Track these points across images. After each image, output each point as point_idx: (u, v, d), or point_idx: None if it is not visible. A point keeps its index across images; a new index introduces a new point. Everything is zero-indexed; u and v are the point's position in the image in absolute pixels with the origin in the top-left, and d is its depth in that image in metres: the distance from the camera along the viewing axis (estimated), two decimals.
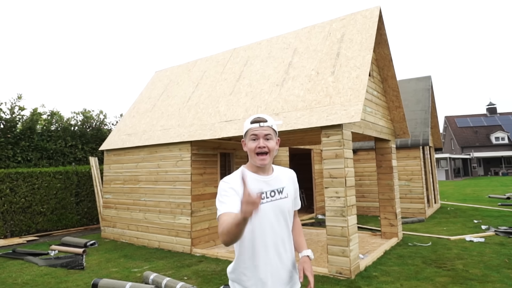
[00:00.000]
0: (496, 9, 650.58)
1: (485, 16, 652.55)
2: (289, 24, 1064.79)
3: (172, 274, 7.74)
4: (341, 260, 7.25)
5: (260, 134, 2.56)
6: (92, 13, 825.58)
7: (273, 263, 2.54)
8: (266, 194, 2.57)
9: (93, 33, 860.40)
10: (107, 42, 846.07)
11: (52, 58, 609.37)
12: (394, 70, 10.15)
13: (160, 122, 11.76)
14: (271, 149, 2.57)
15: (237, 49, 12.35)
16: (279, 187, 2.66)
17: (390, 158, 10.56)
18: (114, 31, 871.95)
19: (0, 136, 14.68)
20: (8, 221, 13.00)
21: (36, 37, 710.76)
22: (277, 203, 2.59)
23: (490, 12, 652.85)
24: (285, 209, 2.62)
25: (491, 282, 6.72)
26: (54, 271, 8.43)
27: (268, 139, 2.57)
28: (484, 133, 61.85)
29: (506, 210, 16.12)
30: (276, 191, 2.63)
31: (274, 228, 2.56)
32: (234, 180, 2.56)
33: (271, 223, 2.55)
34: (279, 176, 2.73)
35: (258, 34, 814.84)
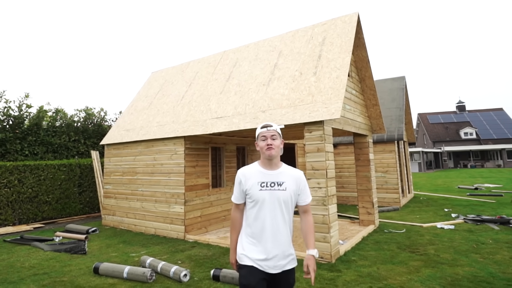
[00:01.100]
0: (465, 13, 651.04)
1: (455, 20, 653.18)
2: (275, 28, 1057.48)
3: (167, 259, 7.69)
4: (323, 245, 7.24)
5: (268, 135, 3.21)
6: (96, 17, 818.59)
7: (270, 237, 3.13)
8: (267, 184, 3.17)
9: (96, 35, 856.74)
10: (108, 44, 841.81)
11: (57, 59, 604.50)
12: (371, 70, 10.14)
13: (156, 118, 11.69)
14: (277, 145, 3.20)
15: (227, 51, 12.29)
16: (279, 181, 3.19)
17: (368, 151, 10.56)
18: (115, 34, 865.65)
19: (9, 131, 14.60)
20: (16, 210, 12.92)
21: (43, 40, 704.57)
22: (275, 192, 3.15)
23: (460, 16, 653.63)
24: (281, 198, 3.14)
25: (460, 265, 6.74)
26: (59, 255, 8.37)
27: (274, 139, 3.21)
28: (454, 128, 62.21)
29: (474, 199, 16.20)
30: (276, 183, 3.18)
31: (271, 211, 3.14)
32: (246, 173, 3.28)
33: (269, 206, 3.14)
34: (283, 173, 3.26)
35: (247, 37, 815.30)
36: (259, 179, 3.19)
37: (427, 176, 36.31)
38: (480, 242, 8.49)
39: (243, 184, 3.24)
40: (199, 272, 6.77)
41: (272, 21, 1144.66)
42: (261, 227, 3.15)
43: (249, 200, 3.24)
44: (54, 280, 6.59)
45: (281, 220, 3.15)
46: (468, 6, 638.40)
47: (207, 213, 10.59)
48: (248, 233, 3.22)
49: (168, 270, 6.50)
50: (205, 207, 10.53)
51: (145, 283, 6.27)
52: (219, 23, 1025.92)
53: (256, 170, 3.26)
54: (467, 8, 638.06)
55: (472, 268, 6.59)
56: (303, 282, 6.03)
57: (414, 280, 6.03)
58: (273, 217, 3.13)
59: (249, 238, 3.21)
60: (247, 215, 3.27)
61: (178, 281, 6.26)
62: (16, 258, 8.24)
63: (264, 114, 8.51)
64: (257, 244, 3.15)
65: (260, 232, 3.15)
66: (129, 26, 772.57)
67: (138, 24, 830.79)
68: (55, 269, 7.26)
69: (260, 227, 3.15)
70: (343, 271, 6.60)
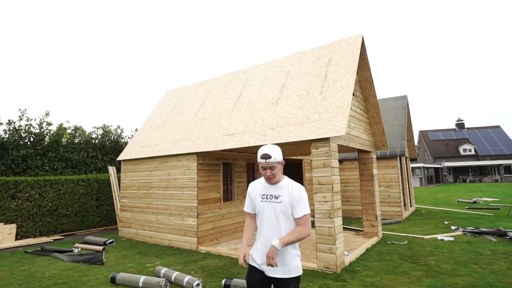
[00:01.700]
0: (464, 34, 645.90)
1: (455, 42, 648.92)
2: (284, 49, 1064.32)
3: (180, 269, 7.72)
4: (329, 256, 7.25)
5: (266, 166, 3.37)
6: (115, 40, 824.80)
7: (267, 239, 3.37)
8: (267, 196, 3.45)
9: (113, 57, 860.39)
10: (125, 64, 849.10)
11: (77, 78, 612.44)
12: (375, 90, 10.20)
13: (170, 135, 11.78)
14: (275, 174, 3.38)
15: (238, 71, 12.40)
16: (276, 194, 3.42)
17: (371, 167, 10.58)
18: (131, 55, 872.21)
19: (30, 148, 14.73)
20: (37, 222, 12.98)
21: (63, 60, 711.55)
22: (272, 204, 3.40)
23: (459, 36, 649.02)
24: (277, 209, 3.38)
25: (459, 275, 6.73)
26: (78, 266, 8.42)
27: (273, 169, 3.37)
28: (453, 145, 61.91)
29: (473, 213, 16.12)
30: (273, 196, 3.42)
31: (269, 220, 3.41)
32: (253, 187, 3.63)
33: (267, 214, 3.42)
34: (281, 187, 3.44)
35: (256, 57, 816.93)
36: (261, 191, 3.53)
37: (428, 190, 36.09)
38: (478, 253, 8.46)
39: (250, 194, 3.63)
40: (211, 281, 6.80)
41: (280, 42, 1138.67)
42: (260, 233, 3.49)
43: (257, 210, 3.56)
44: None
45: (276, 229, 3.37)
46: (467, 27, 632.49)
47: (219, 226, 10.61)
48: (257, 238, 3.55)
49: (181, 280, 6.53)
50: (216, 220, 10.56)
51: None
52: (231, 44, 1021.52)
53: (261, 184, 3.58)
54: (466, 29, 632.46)
55: (471, 278, 6.58)
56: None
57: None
58: (269, 225, 3.40)
59: (256, 242, 3.54)
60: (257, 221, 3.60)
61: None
62: (37, 269, 8.30)
63: (273, 131, 8.57)
64: (259, 248, 3.46)
65: (260, 237, 3.47)
66: (145, 48, 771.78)
67: (154, 46, 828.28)
68: (74, 279, 7.31)
69: (260, 233, 3.49)
70: (348, 280, 6.61)
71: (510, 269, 7.08)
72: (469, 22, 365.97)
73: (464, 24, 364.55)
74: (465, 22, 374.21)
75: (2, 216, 12.13)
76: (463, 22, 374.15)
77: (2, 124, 14.20)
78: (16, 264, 8.89)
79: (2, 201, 12.18)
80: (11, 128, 14.50)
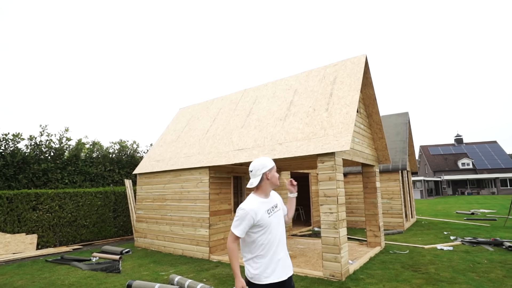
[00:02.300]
0: (463, 55, 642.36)
1: (454, 61, 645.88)
2: (292, 67, 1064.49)
3: (193, 277, 7.76)
4: (334, 265, 7.27)
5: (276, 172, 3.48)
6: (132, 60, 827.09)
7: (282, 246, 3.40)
8: (270, 210, 3.40)
9: (129, 76, 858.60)
10: (140, 83, 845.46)
11: (96, 95, 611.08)
12: (378, 107, 10.27)
13: (183, 150, 11.87)
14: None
15: (247, 90, 12.51)
16: (274, 204, 3.49)
17: (374, 180, 10.61)
18: (147, 74, 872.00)
19: (51, 162, 14.88)
20: (57, 233, 13.07)
21: (83, 80, 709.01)
22: (276, 214, 3.44)
23: (458, 57, 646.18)
24: (280, 216, 3.49)
25: (458, 283, 6.73)
26: (95, 274, 8.48)
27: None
28: (452, 159, 61.62)
29: (471, 223, 16.03)
30: (274, 207, 3.46)
31: (278, 229, 3.41)
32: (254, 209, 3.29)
33: (276, 226, 3.38)
34: (273, 197, 3.56)
35: (266, 75, 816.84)
36: (265, 208, 3.36)
37: (428, 202, 35.87)
38: (476, 262, 8.45)
39: (255, 217, 3.26)
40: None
41: (288, 61, 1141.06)
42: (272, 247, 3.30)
43: (258, 228, 3.29)
44: None
45: (283, 233, 3.47)
46: (464, 47, 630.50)
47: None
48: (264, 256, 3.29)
49: (194, 287, 6.57)
50: (227, 230, 10.58)
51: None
52: (242, 63, 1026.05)
53: (259, 202, 3.37)
54: (463, 50, 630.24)
55: (469, 285, 6.57)
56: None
57: None
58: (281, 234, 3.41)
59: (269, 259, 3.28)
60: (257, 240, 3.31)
61: None
62: (57, 277, 8.37)
63: (281, 146, 8.64)
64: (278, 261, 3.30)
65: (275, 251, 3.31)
66: (160, 67, 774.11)
67: (169, 66, 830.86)
68: (92, 287, 7.37)
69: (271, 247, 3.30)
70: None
71: (506, 277, 7.08)
72: (466, 43, 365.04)
73: (461, 45, 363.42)
74: (462, 42, 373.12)
75: (24, 226, 12.24)
76: (460, 43, 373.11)
77: (24, 140, 14.39)
78: (37, 272, 8.97)
79: (24, 212, 12.30)
80: (33, 143, 14.69)
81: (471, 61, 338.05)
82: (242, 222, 3.28)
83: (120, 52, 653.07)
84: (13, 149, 13.91)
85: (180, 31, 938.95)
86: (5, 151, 13.72)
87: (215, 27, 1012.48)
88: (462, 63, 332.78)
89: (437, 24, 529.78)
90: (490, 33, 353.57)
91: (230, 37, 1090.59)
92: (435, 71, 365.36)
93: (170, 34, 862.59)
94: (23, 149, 14.33)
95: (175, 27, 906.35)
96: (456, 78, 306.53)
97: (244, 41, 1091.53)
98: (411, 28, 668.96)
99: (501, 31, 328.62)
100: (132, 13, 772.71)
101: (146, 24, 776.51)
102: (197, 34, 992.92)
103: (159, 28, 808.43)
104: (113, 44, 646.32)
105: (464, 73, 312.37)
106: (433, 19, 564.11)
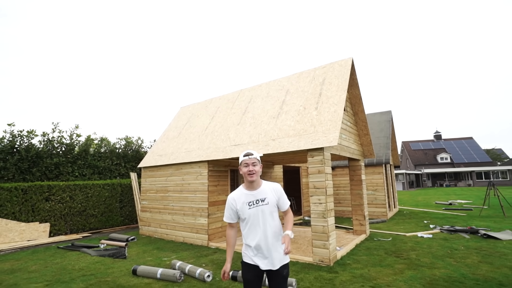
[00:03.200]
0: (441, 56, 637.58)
1: (433, 62, 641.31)
2: (284, 69, 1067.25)
3: (193, 262, 7.73)
4: (323, 251, 7.26)
5: (249, 162, 3.30)
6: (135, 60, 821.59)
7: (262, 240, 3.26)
8: (253, 202, 3.29)
9: (133, 76, 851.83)
10: (144, 83, 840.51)
11: (103, 94, 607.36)
12: (363, 106, 10.24)
13: (184, 146, 11.83)
14: (257, 170, 3.30)
15: (243, 90, 12.45)
16: (261, 197, 3.31)
17: (360, 173, 10.61)
18: (150, 74, 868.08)
19: (62, 156, 14.83)
20: (68, 222, 13.04)
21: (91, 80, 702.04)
22: (260, 207, 3.28)
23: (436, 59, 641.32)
24: (266, 211, 3.28)
25: (437, 268, 6.74)
26: (103, 260, 8.45)
27: (255, 165, 3.30)
28: (432, 154, 61.78)
29: (449, 213, 16.08)
30: (260, 200, 3.29)
31: (259, 222, 3.27)
32: (234, 198, 3.38)
33: (257, 219, 3.27)
34: (263, 190, 3.36)
35: (260, 77, 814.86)
36: (247, 199, 3.31)
37: (409, 193, 35.97)
38: (453, 248, 8.46)
39: (232, 205, 3.37)
40: (220, 273, 6.81)
41: (281, 62, 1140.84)
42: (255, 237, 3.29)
43: (242, 218, 3.36)
44: (99, 280, 6.67)
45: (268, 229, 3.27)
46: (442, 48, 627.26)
47: (226, 224, 10.59)
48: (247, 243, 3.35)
49: (194, 271, 6.56)
50: None
51: (175, 282, 6.32)
52: (240, 65, 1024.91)
53: (242, 193, 3.37)
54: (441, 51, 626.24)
55: (447, 270, 6.58)
56: (306, 281, 6.06)
57: (399, 280, 6.04)
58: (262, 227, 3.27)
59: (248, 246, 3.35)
60: (242, 228, 3.42)
61: (202, 281, 6.31)
62: (68, 262, 8.33)
63: (274, 142, 8.61)
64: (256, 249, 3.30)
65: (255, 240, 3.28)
66: (162, 68, 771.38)
67: (170, 66, 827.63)
68: (100, 271, 7.34)
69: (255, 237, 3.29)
70: (339, 272, 6.61)
71: (482, 262, 7.08)
72: (444, 47, 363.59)
73: (440, 49, 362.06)
74: (441, 47, 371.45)
75: (37, 216, 12.20)
76: (438, 47, 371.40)
77: (38, 136, 14.31)
78: (49, 258, 8.93)
79: (37, 203, 12.26)
80: (46, 139, 14.63)
81: (449, 63, 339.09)
82: (227, 209, 3.43)
83: (128, 55, 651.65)
84: (28, 145, 13.87)
85: (182, 35, 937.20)
86: (20, 146, 13.66)
87: (215, 32, 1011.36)
88: (441, 64, 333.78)
89: (418, 28, 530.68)
90: (466, 36, 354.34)
91: (229, 41, 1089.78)
92: (417, 72, 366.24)
93: (173, 38, 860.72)
94: (36, 145, 14.28)
95: (177, 32, 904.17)
96: (436, 79, 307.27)
97: (242, 44, 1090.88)
98: (394, 32, 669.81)
99: (478, 34, 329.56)
100: (140, 18, 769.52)
101: (151, 31, 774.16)
102: (199, 37, 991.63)
103: (163, 33, 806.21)
104: (121, 48, 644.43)
105: (443, 73, 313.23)
106: (412, 23, 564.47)
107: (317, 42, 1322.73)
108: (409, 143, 67.58)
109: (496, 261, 7.15)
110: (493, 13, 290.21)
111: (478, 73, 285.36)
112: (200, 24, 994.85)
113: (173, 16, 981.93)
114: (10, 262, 8.52)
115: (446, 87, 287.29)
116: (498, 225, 11.93)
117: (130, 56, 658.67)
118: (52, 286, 6.33)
